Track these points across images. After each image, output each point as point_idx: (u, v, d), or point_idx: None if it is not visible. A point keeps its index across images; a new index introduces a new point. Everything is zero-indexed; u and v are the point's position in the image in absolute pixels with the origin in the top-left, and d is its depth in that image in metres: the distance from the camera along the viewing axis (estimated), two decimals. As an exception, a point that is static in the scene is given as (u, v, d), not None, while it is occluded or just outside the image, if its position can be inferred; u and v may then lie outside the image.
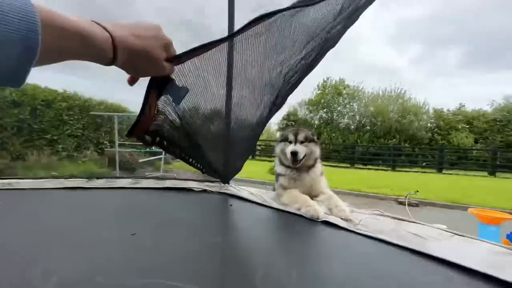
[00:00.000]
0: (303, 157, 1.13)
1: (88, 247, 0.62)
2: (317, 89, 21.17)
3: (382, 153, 15.24)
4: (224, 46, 0.66)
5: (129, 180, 1.39)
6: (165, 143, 0.71)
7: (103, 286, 0.46)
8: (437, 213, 5.37)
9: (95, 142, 8.54)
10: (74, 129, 7.78)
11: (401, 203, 5.74)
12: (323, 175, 1.21)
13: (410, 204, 5.57)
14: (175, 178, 1.43)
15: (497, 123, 16.19)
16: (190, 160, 0.90)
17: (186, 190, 1.26)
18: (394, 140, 16.40)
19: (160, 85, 0.55)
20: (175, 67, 0.54)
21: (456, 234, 0.79)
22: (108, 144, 8.61)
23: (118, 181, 1.35)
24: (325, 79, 21.17)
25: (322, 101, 20.07)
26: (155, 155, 9.33)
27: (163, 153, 8.13)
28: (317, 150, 1.19)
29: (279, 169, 1.20)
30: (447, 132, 16.89)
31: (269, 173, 9.59)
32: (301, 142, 1.16)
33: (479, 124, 16.75)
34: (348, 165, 14.48)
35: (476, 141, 16.34)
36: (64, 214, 0.90)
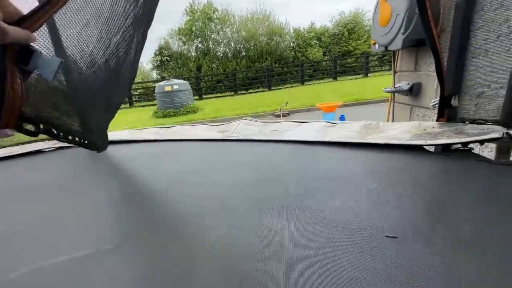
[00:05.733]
0: None
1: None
2: (185, 14, 19.11)
3: (259, 76, 16.66)
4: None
5: None
6: (52, 129, 0.57)
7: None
8: (302, 116, 6.81)
9: None
10: None
11: (277, 116, 6.83)
12: None
13: (283, 115, 6.74)
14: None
15: (336, 36, 20.27)
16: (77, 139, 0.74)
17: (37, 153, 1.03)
18: (267, 62, 18.02)
19: (20, 59, 0.42)
20: (34, 33, 0.41)
21: (302, 122, 1.05)
22: None
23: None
24: (192, 2, 19.13)
25: (194, 28, 18.56)
26: None
27: None
28: None
29: None
30: (304, 49, 19.89)
31: (153, 117, 8.84)
32: None
33: (325, 39, 20.48)
34: (232, 93, 15.23)
35: (324, 54, 20.25)
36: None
